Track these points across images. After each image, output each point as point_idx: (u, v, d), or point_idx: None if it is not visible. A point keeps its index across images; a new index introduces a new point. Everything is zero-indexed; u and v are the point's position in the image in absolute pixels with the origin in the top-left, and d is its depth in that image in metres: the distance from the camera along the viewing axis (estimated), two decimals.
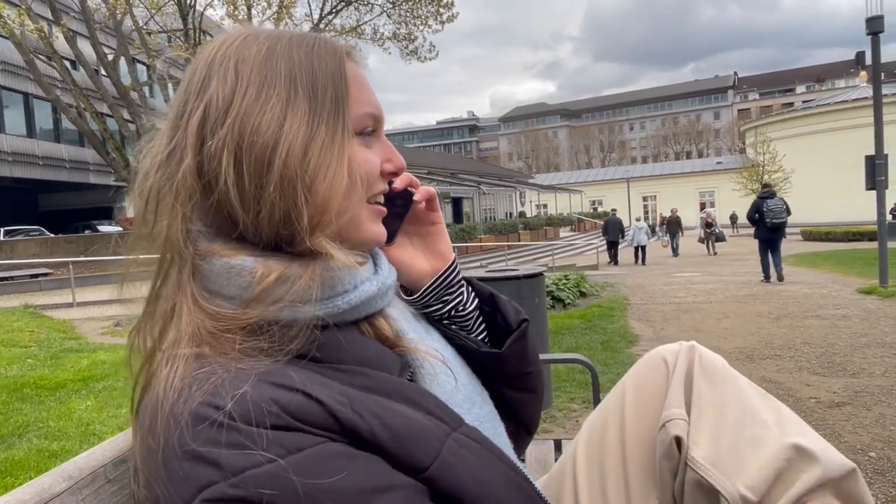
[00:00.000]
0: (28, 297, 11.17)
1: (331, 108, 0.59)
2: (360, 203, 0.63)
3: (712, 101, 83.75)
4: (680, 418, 0.71)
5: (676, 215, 20.23)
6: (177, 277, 0.57)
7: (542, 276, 3.17)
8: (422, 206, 0.74)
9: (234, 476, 0.44)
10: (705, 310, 7.40)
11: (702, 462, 0.68)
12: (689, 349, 0.79)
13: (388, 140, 0.68)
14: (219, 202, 0.56)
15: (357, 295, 0.60)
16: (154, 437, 0.49)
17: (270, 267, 0.55)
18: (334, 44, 0.63)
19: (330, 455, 0.48)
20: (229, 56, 0.59)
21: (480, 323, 0.79)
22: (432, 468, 0.52)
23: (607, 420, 0.80)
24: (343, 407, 0.50)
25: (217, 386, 0.48)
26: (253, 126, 0.56)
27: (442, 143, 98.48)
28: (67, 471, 0.61)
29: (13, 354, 5.50)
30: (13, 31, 13.26)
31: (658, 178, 50.80)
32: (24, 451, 3.13)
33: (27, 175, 23.84)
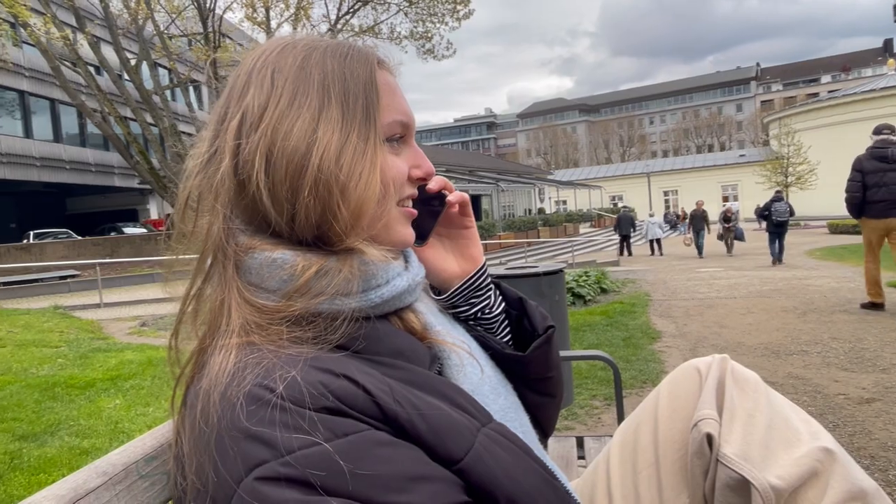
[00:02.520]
0: (57, 298, 11.43)
1: (362, 116, 0.61)
2: (391, 207, 0.65)
3: (734, 93, 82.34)
4: (711, 418, 0.73)
5: (702, 209, 17.12)
6: (221, 274, 0.60)
7: (561, 273, 3.15)
8: (455, 210, 0.76)
9: (285, 455, 0.46)
10: (729, 305, 7.30)
11: (732, 457, 0.69)
12: (722, 360, 0.81)
13: (417, 146, 0.70)
14: (253, 202, 0.60)
15: (389, 289, 0.62)
16: (206, 419, 0.51)
17: (310, 261, 0.58)
18: (367, 53, 0.66)
19: (375, 442, 0.50)
20: (267, 65, 0.62)
21: (505, 326, 0.81)
22: (465, 460, 0.54)
23: (641, 423, 0.82)
24: (386, 396, 0.53)
25: (268, 369, 0.51)
26: (285, 131, 0.59)
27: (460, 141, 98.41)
28: (101, 467, 0.63)
29: (44, 354, 5.64)
30: (39, 38, 13.56)
31: (679, 173, 50.13)
32: (56, 449, 3.21)
33: (55, 179, 24.39)
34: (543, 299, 2.95)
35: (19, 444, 3.31)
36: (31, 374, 4.87)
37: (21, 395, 4.19)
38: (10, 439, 3.38)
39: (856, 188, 5.51)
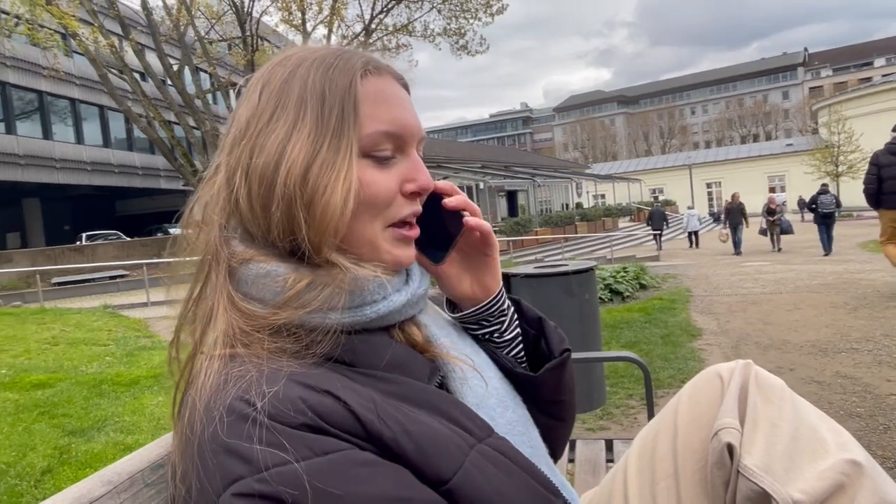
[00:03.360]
0: (107, 297, 11.89)
1: (336, 128, 0.60)
2: (371, 225, 0.62)
3: (780, 80, 79.28)
4: (733, 427, 0.69)
5: (738, 202, 15.95)
6: (214, 280, 0.60)
7: (592, 271, 3.07)
8: (476, 235, 0.73)
9: (261, 472, 0.46)
10: (774, 301, 7.04)
11: (754, 469, 0.65)
12: (745, 366, 0.77)
13: (418, 158, 0.66)
14: (240, 215, 0.61)
15: (385, 305, 0.61)
16: (191, 430, 0.51)
17: (301, 274, 0.58)
18: (354, 61, 0.63)
19: (355, 462, 0.49)
20: (260, 79, 0.64)
21: (519, 350, 0.78)
22: (454, 480, 0.52)
23: (660, 432, 0.79)
24: (369, 413, 0.52)
25: (250, 383, 0.51)
26: (259, 146, 0.60)
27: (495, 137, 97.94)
28: (106, 476, 0.64)
29: (93, 353, 5.87)
30: (87, 47, 14.10)
31: (723, 164, 48.61)
32: (101, 444, 3.34)
33: (105, 183, 25.37)
34: (573, 298, 2.89)
35: (68, 439, 3.45)
36: (81, 371, 5.07)
37: (71, 391, 4.36)
38: (60, 434, 3.53)
39: (872, 181, 5.94)
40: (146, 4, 15.09)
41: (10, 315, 8.55)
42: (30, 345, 6.20)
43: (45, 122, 23.35)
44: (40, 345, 6.22)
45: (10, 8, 13.56)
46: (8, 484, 2.87)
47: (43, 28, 14.30)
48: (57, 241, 22.47)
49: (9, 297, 12.62)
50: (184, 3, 14.90)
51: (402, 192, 0.64)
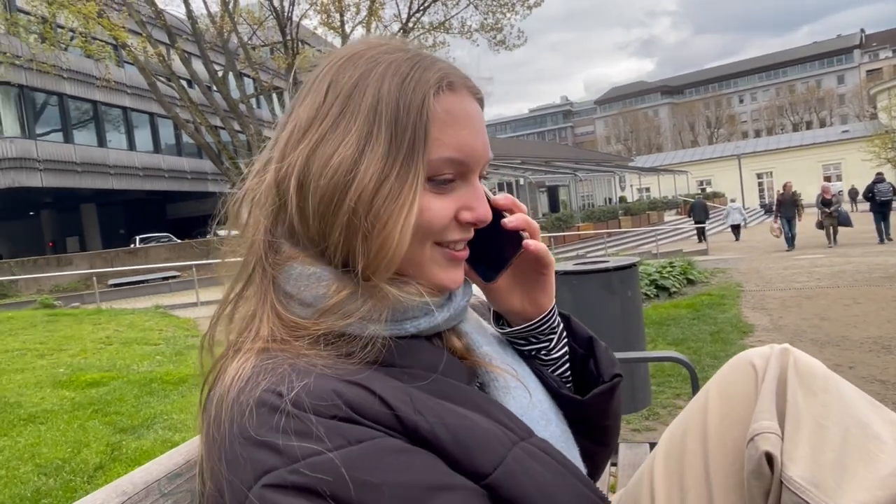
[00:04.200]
0: (159, 298, 12.34)
1: (407, 153, 0.55)
2: (419, 246, 0.59)
3: (835, 64, 75.66)
4: (771, 431, 0.61)
5: (791, 192, 14.39)
6: (258, 286, 0.59)
7: (634, 267, 2.95)
8: (532, 255, 0.68)
9: (294, 462, 0.45)
10: (832, 295, 6.71)
11: (800, 482, 0.58)
12: (782, 352, 0.68)
13: (480, 185, 0.62)
14: (290, 222, 0.58)
15: (426, 321, 0.59)
16: (219, 425, 0.50)
17: (345, 283, 0.56)
18: (430, 74, 0.58)
19: (389, 449, 0.47)
20: (328, 75, 0.59)
21: (565, 370, 0.74)
22: (495, 475, 0.50)
23: (688, 431, 0.71)
24: (405, 406, 0.50)
25: (282, 376, 0.49)
26: (325, 157, 0.56)
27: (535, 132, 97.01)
28: (121, 486, 0.63)
29: (145, 352, 6.08)
30: (137, 57, 14.63)
31: (773, 153, 46.77)
32: (151, 441, 3.43)
33: (156, 187, 26.34)
34: (614, 296, 2.78)
35: (120, 436, 3.57)
36: (133, 370, 5.25)
37: (123, 390, 4.52)
38: (112, 432, 3.65)
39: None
40: (191, 13, 15.54)
41: (69, 316, 8.96)
42: (86, 344, 6.47)
43: (99, 131, 24.40)
44: (96, 344, 6.48)
45: (65, 22, 14.19)
46: (63, 479, 2.98)
47: (95, 40, 14.92)
48: (112, 245, 23.46)
49: (69, 299, 13.24)
50: (227, 11, 15.28)
51: (457, 219, 0.60)
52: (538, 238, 0.68)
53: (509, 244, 0.67)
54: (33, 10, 14.31)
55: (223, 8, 15.37)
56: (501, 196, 0.68)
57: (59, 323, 8.04)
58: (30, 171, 21.05)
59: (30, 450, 3.38)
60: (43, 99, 22.61)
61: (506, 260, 0.67)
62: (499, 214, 0.65)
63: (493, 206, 0.65)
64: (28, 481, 2.98)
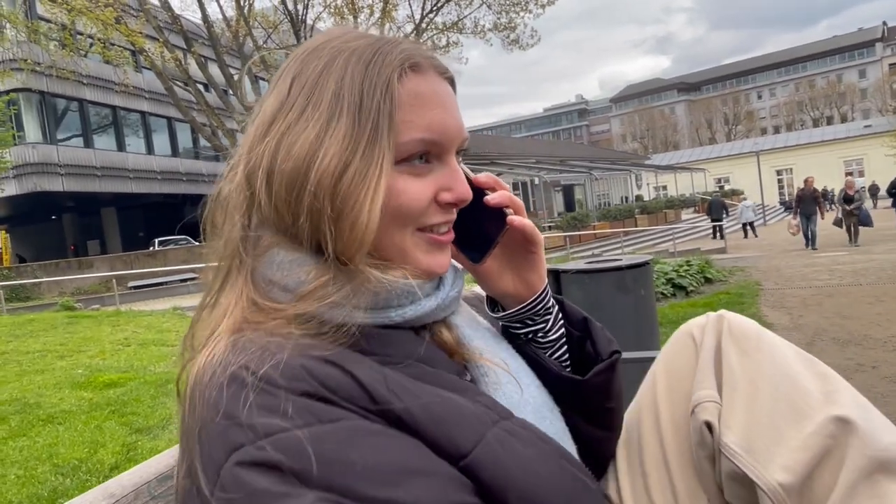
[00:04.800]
0: (178, 299, 12.46)
1: (371, 135, 0.55)
2: (400, 232, 0.58)
3: (856, 58, 74.23)
4: (709, 400, 0.63)
5: (813, 188, 13.69)
6: (234, 278, 0.58)
7: (648, 265, 2.90)
8: (519, 234, 0.67)
9: (262, 439, 0.44)
10: (853, 293, 6.57)
11: (734, 448, 0.60)
12: (717, 319, 0.70)
13: (456, 164, 0.61)
14: (262, 215, 0.58)
15: (413, 310, 0.58)
16: (193, 409, 0.49)
17: (325, 268, 0.55)
18: (393, 56, 0.57)
19: (362, 430, 0.46)
20: (292, 68, 0.59)
21: (563, 353, 0.72)
22: (474, 453, 0.49)
23: (641, 413, 0.72)
24: (378, 384, 0.49)
25: (253, 353, 0.49)
26: (288, 145, 0.55)
27: (550, 131, 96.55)
28: (110, 489, 0.62)
29: (161, 353, 6.14)
30: (154, 62, 14.83)
31: (793, 150, 45.99)
32: (165, 442, 3.46)
33: (174, 191, 26.70)
34: (628, 295, 2.74)
35: (135, 436, 3.61)
36: (150, 371, 5.30)
37: (139, 391, 4.57)
38: (128, 432, 3.69)
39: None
40: (207, 18, 15.73)
41: (89, 318, 9.09)
42: (105, 346, 6.55)
43: (118, 135, 24.80)
44: (114, 346, 6.56)
45: (84, 29, 14.43)
46: (80, 479, 3.01)
47: (114, 46, 15.15)
48: (132, 247, 23.82)
49: (89, 301, 13.45)
50: (242, 15, 15.43)
51: (437, 201, 0.59)
52: (523, 215, 0.66)
53: (494, 223, 0.65)
54: (53, 18, 14.57)
55: (238, 12, 15.52)
56: (483, 175, 0.67)
57: (78, 325, 8.16)
58: (51, 176, 21.45)
59: (48, 450, 3.43)
60: (64, 105, 23.03)
61: (492, 239, 0.66)
62: (481, 194, 0.64)
63: (475, 186, 0.63)
64: (45, 481, 3.01)
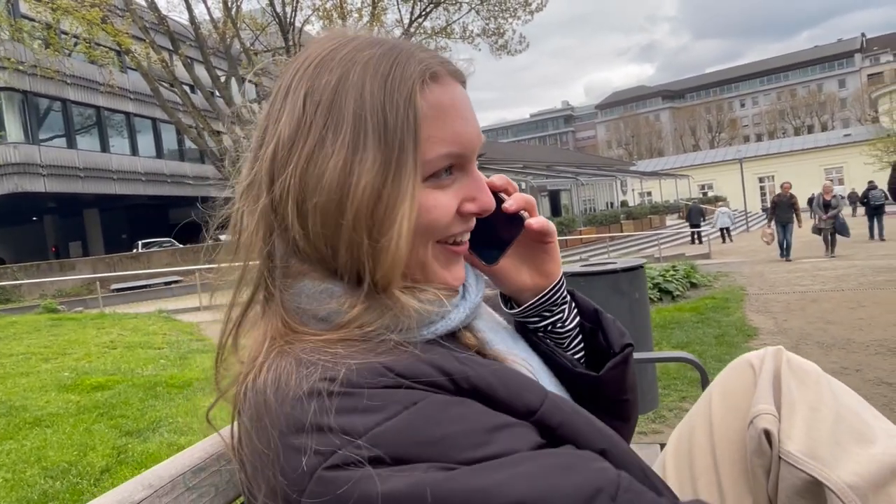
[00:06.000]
0: (162, 302, 12.32)
1: (398, 157, 0.54)
2: (423, 247, 0.58)
3: (836, 68, 75.65)
4: (768, 413, 0.66)
5: (789, 194, 12.64)
6: (263, 305, 0.58)
7: (642, 269, 2.96)
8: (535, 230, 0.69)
9: (358, 437, 0.45)
10: (836, 298, 6.70)
11: (797, 455, 0.61)
12: (776, 352, 0.73)
13: (478, 173, 0.62)
14: (296, 246, 0.57)
15: (444, 324, 0.59)
16: (262, 424, 0.49)
17: (358, 297, 0.55)
18: (411, 69, 0.56)
19: (443, 403, 0.49)
20: (302, 84, 0.56)
21: (578, 341, 0.74)
22: (543, 408, 0.53)
23: (695, 427, 0.75)
24: (451, 361, 0.53)
25: (324, 365, 0.49)
26: (315, 176, 0.54)
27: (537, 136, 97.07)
28: (147, 479, 0.63)
29: (149, 356, 6.08)
30: (140, 63, 14.69)
31: (775, 157, 46.72)
32: (156, 445, 3.43)
33: (158, 192, 26.38)
34: (623, 297, 2.79)
35: (125, 439, 3.57)
36: (137, 373, 5.25)
37: (128, 393, 4.52)
38: (117, 435, 3.65)
39: (893, 181, 8.02)
40: (194, 19, 15.62)
41: (73, 320, 8.96)
42: (90, 348, 6.47)
43: (102, 136, 24.47)
44: (100, 348, 6.48)
45: (69, 28, 14.26)
46: (70, 482, 2.98)
47: (99, 46, 14.99)
48: (115, 250, 23.49)
49: (72, 303, 13.25)
50: (229, 17, 15.35)
51: (460, 212, 0.59)
52: (535, 212, 0.68)
53: (508, 224, 0.66)
54: (37, 17, 14.39)
55: (226, 14, 15.43)
56: (496, 177, 0.68)
57: (62, 327, 8.04)
58: (33, 177, 21.10)
59: (36, 453, 3.38)
60: (46, 104, 22.69)
61: (507, 242, 0.67)
62: (496, 197, 0.65)
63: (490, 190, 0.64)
64: (35, 484, 2.97)
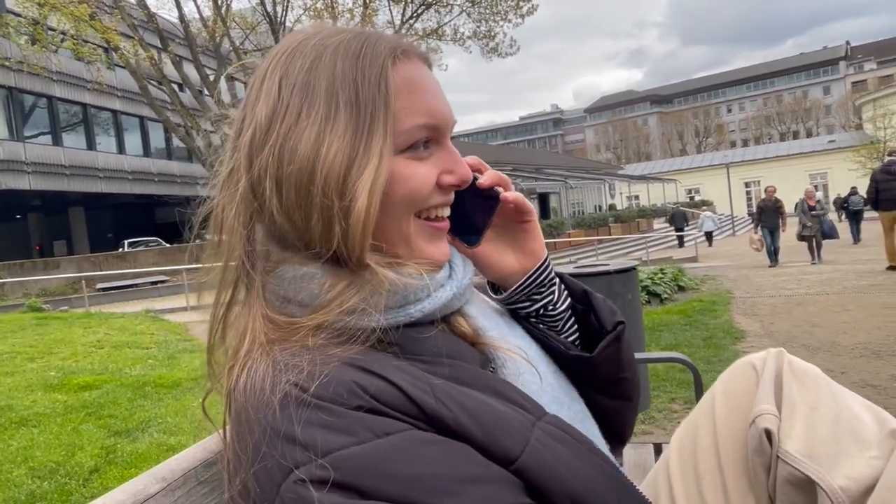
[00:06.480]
0: (148, 302, 12.22)
1: (370, 126, 0.56)
2: (405, 219, 0.59)
3: (821, 75, 76.76)
4: (769, 413, 0.67)
5: (774, 198, 11.97)
6: (245, 296, 0.59)
7: (634, 271, 3.00)
8: (511, 207, 0.70)
9: (323, 457, 0.44)
10: (821, 302, 6.79)
11: (795, 454, 0.62)
12: (778, 354, 0.74)
13: (453, 147, 0.63)
14: (274, 224, 0.57)
15: (431, 302, 0.59)
16: (242, 427, 0.50)
17: (339, 276, 0.56)
18: (381, 47, 0.58)
19: (418, 441, 0.47)
20: (277, 71, 0.58)
21: (572, 323, 0.75)
22: (523, 457, 0.51)
23: (698, 426, 0.75)
24: (425, 395, 0.50)
25: (301, 370, 0.49)
26: (291, 149, 0.55)
27: (526, 139, 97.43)
28: (160, 473, 0.63)
29: (136, 355, 6.02)
30: (129, 60, 14.56)
31: (761, 162, 47.32)
32: (146, 445, 3.41)
33: (145, 191, 26.15)
34: (616, 299, 2.81)
35: (114, 439, 3.54)
36: (125, 373, 5.20)
37: (116, 393, 4.48)
38: (106, 435, 3.61)
39: (871, 191, 8.79)
40: (183, 17, 15.51)
41: (59, 319, 8.85)
42: (77, 348, 6.40)
43: (88, 134, 24.21)
44: (87, 348, 6.41)
45: (57, 24, 14.10)
46: (58, 482, 2.95)
47: (87, 43, 14.83)
48: (101, 249, 23.23)
49: (57, 302, 13.09)
50: (219, 15, 15.26)
51: (439, 185, 0.61)
52: (510, 188, 0.69)
53: (482, 204, 0.67)
54: (24, 12, 14.21)
55: (215, 12, 15.34)
56: (469, 158, 0.68)
57: (48, 326, 7.94)
58: (17, 174, 20.83)
59: (22, 453, 3.34)
60: (32, 101, 22.42)
61: (485, 220, 0.67)
62: None
63: None
64: (22, 485, 2.94)
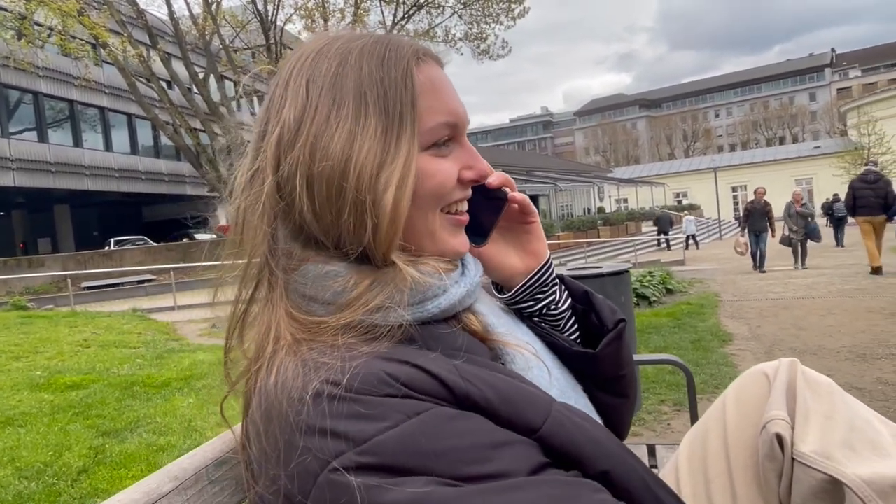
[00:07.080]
0: (136, 301, 12.10)
1: (399, 124, 0.58)
2: (432, 214, 0.62)
3: (807, 82, 77.73)
4: (781, 419, 0.67)
5: (763, 201, 11.55)
6: (267, 295, 0.60)
7: (627, 273, 3.02)
8: (515, 207, 0.72)
9: (360, 444, 0.46)
10: (807, 306, 6.88)
11: (812, 455, 0.63)
12: (791, 363, 0.76)
13: (470, 144, 0.66)
14: (300, 221, 0.59)
15: (447, 299, 0.61)
16: (272, 425, 0.50)
17: (363, 274, 0.57)
18: (404, 50, 0.62)
19: (447, 416, 0.49)
20: (303, 73, 0.60)
21: (573, 323, 0.77)
22: (545, 427, 0.53)
23: (709, 431, 0.77)
24: (453, 376, 0.52)
25: (331, 366, 0.50)
26: (322, 148, 0.57)
27: (516, 141, 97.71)
28: (173, 472, 0.63)
29: (124, 355, 5.96)
30: (117, 57, 14.43)
31: (748, 167, 47.79)
32: (135, 445, 3.38)
33: (132, 189, 25.90)
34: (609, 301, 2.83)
35: (103, 439, 3.50)
36: (113, 373, 5.15)
37: (104, 393, 4.43)
38: (94, 435, 3.58)
39: (849, 198, 9.43)
40: (173, 14, 15.41)
41: (44, 318, 8.74)
42: (63, 347, 6.33)
43: (75, 131, 23.93)
44: (73, 347, 6.34)
45: (44, 19, 13.94)
46: (46, 483, 2.91)
47: (75, 39, 14.68)
48: (86, 247, 22.96)
49: (41, 301, 12.93)
50: (209, 13, 15.17)
51: (459, 180, 0.64)
52: (515, 189, 0.71)
53: (491, 203, 0.69)
54: (10, 6, 14.04)
55: (206, 10, 15.25)
56: None
57: (33, 325, 7.84)
58: (1, 170, 20.54)
59: (9, 453, 3.30)
60: (17, 96, 22.13)
61: (493, 219, 0.70)
62: None
63: None
64: (8, 485, 2.90)
